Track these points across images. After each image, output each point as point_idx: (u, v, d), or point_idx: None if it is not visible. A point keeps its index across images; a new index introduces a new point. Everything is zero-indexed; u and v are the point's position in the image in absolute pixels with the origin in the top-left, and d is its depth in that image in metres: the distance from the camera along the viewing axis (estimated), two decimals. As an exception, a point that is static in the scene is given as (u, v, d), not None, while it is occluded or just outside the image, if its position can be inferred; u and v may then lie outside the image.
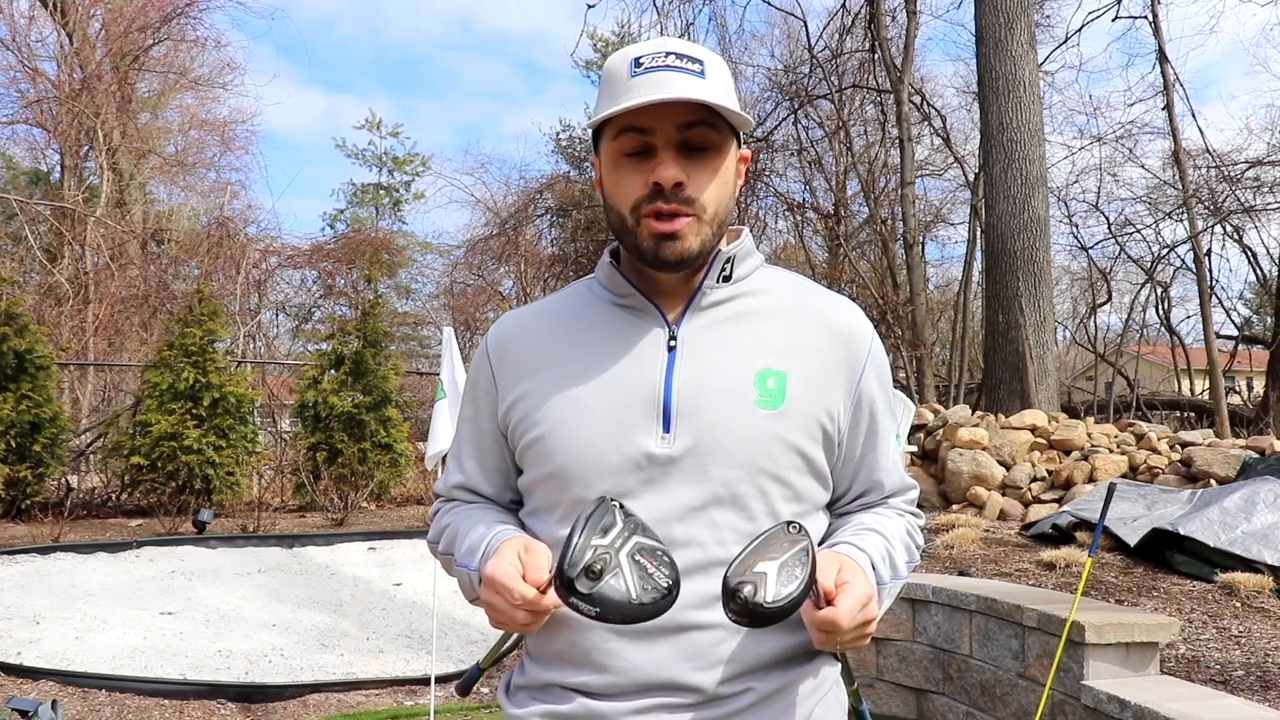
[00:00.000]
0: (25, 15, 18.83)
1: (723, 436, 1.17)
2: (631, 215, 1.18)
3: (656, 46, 1.18)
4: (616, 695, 1.17)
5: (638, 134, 1.17)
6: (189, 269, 17.35)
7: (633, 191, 1.18)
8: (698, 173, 1.17)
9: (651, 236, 1.17)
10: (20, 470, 8.92)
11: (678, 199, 1.16)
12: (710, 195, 1.18)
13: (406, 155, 31.92)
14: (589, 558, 0.98)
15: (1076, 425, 8.07)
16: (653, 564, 1.02)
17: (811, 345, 1.23)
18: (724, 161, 1.20)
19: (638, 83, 1.14)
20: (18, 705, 4.30)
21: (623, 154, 1.19)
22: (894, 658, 4.67)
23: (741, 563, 1.01)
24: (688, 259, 1.18)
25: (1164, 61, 16.83)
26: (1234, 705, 3.39)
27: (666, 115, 1.15)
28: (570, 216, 19.28)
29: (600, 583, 0.98)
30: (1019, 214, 10.15)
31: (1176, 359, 21.02)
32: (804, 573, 1.01)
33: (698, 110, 1.15)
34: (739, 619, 1.00)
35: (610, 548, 1.00)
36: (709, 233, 1.19)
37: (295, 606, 6.38)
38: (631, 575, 1.00)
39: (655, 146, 1.16)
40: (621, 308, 1.26)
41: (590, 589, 0.98)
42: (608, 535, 1.01)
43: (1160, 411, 17.57)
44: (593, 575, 0.98)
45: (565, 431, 1.20)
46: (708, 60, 1.18)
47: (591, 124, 1.22)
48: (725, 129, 1.19)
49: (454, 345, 4.96)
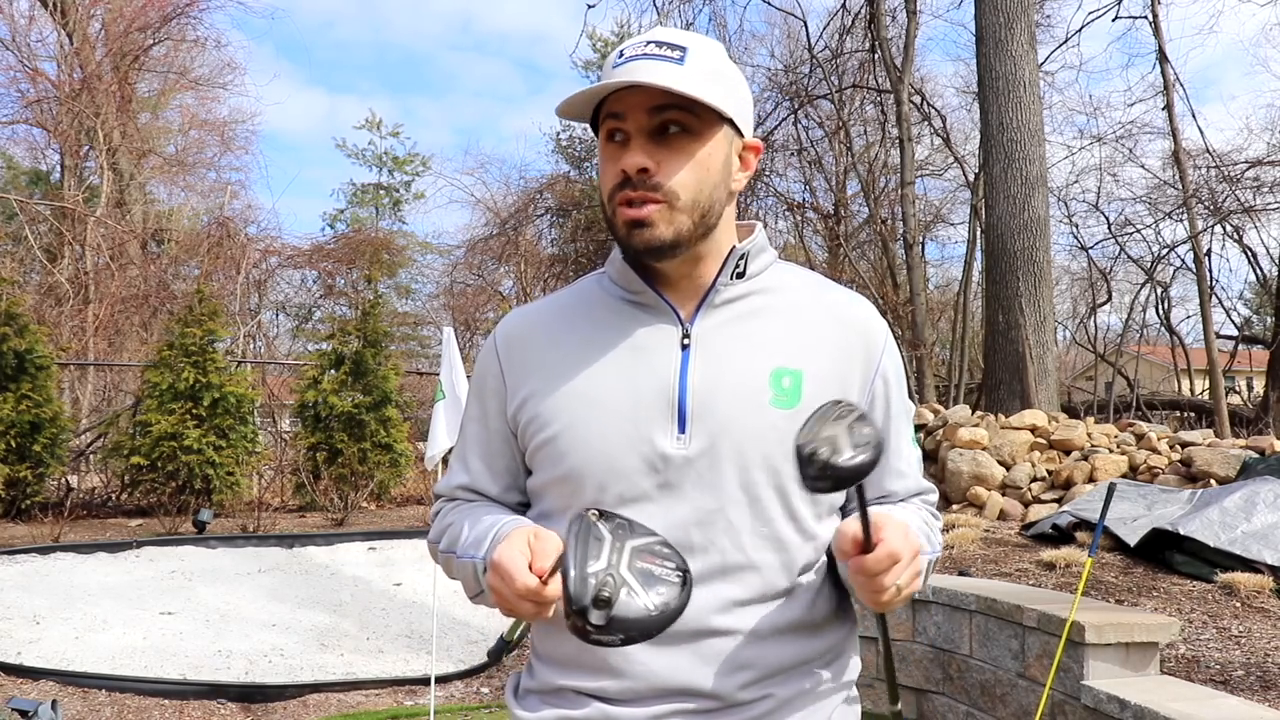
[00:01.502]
0: (25, 15, 18.85)
1: (739, 437, 1.15)
2: (609, 204, 1.18)
3: (643, 36, 1.18)
4: (633, 701, 1.15)
5: (614, 119, 1.17)
6: (189, 269, 17.35)
7: (609, 180, 1.18)
8: (670, 159, 1.15)
9: (624, 224, 1.16)
10: (20, 470, 8.92)
11: (645, 185, 1.15)
12: (683, 182, 1.15)
13: (406, 155, 31.91)
14: (592, 589, 0.93)
15: (1076, 425, 8.07)
16: (655, 563, 0.98)
17: (827, 343, 1.22)
18: (703, 148, 1.17)
19: (617, 71, 1.15)
20: (18, 705, 4.30)
21: (605, 141, 1.19)
22: (894, 658, 4.67)
23: (808, 431, 0.99)
24: (657, 246, 1.16)
25: (1164, 61, 16.83)
26: (1234, 705, 3.39)
27: (636, 102, 1.15)
28: (570, 216, 19.28)
29: (613, 609, 0.93)
30: (1019, 214, 10.15)
31: (1176, 359, 21.01)
32: (872, 431, 0.98)
33: (667, 96, 1.14)
34: (818, 483, 0.97)
35: (610, 569, 0.95)
36: (685, 221, 1.16)
37: (295, 606, 6.38)
38: (640, 587, 0.95)
39: (628, 132, 1.16)
40: (633, 304, 1.24)
41: (605, 619, 0.93)
42: (601, 555, 0.96)
43: (1160, 411, 17.57)
44: (603, 604, 0.93)
45: (578, 432, 1.18)
46: (693, 47, 1.16)
47: (558, 111, 1.22)
48: (708, 115, 1.16)
49: (454, 346, 4.96)
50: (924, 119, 18.27)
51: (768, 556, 1.16)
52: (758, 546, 1.15)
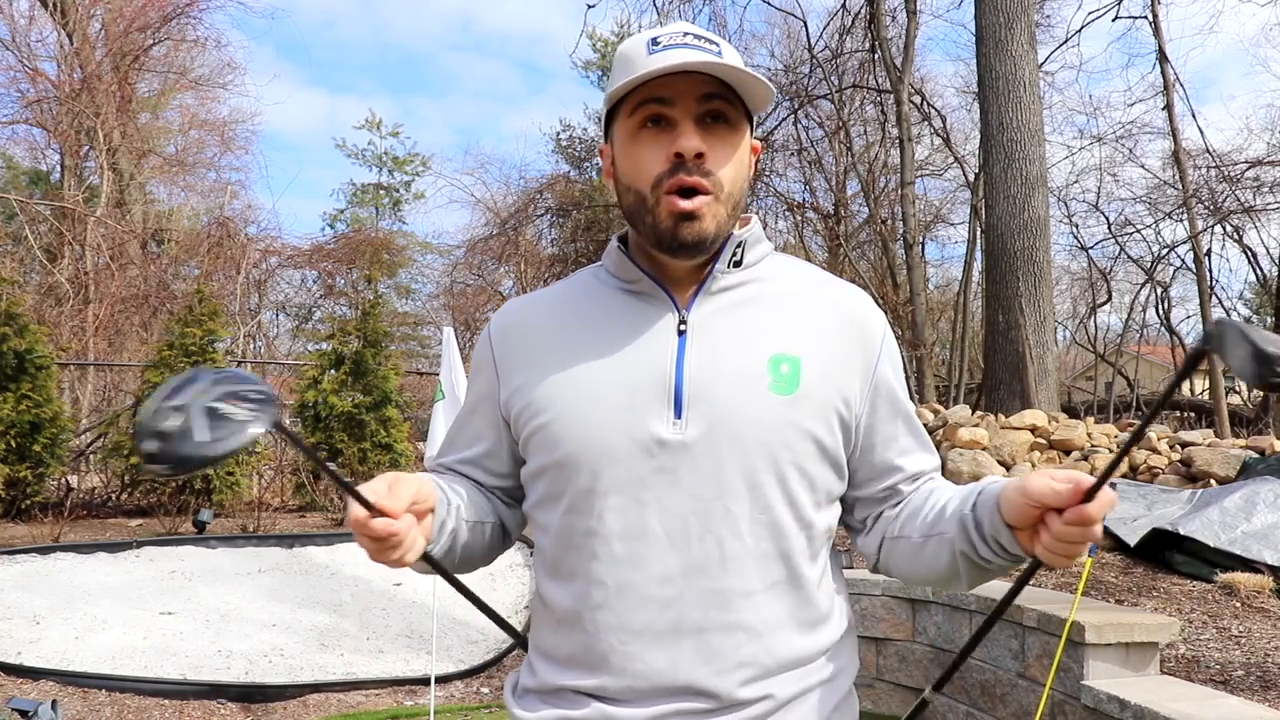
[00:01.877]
0: (25, 15, 18.84)
1: (737, 422, 1.14)
2: (652, 193, 1.16)
3: (674, 28, 1.18)
4: (633, 700, 1.14)
5: (658, 104, 1.15)
6: (189, 269, 17.36)
7: (653, 166, 1.16)
8: (717, 147, 1.16)
9: (671, 216, 1.15)
10: (20, 470, 8.91)
11: (700, 171, 1.14)
12: (728, 173, 1.17)
13: (406, 155, 31.92)
14: (156, 421, 0.89)
15: (1076, 425, 8.07)
16: (236, 405, 0.92)
17: (825, 331, 1.21)
18: (741, 140, 1.19)
19: (657, 58, 1.13)
20: (18, 705, 4.30)
21: (641, 127, 1.17)
22: (894, 658, 4.67)
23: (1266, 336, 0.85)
24: (704, 241, 1.16)
25: (1164, 61, 16.82)
26: (1234, 705, 3.39)
27: (686, 88, 1.14)
28: (570, 216, 19.29)
29: (168, 441, 0.88)
30: (1019, 214, 10.15)
31: (1176, 359, 21.01)
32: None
33: (717, 84, 1.14)
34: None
35: (185, 405, 0.90)
36: (724, 214, 1.17)
37: (295, 606, 6.38)
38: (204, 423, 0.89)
39: (675, 119, 1.15)
40: (629, 293, 1.23)
41: (158, 449, 0.88)
42: (187, 392, 0.92)
43: (1160, 411, 17.54)
44: (164, 437, 0.88)
45: (572, 418, 1.16)
46: (723, 45, 1.18)
47: (611, 97, 1.20)
48: (741, 110, 1.18)
49: (454, 346, 4.96)
50: (924, 119, 18.27)
51: (766, 545, 1.15)
52: (756, 535, 1.14)
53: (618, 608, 1.14)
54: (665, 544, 1.13)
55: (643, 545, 1.13)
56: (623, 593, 1.14)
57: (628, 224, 1.25)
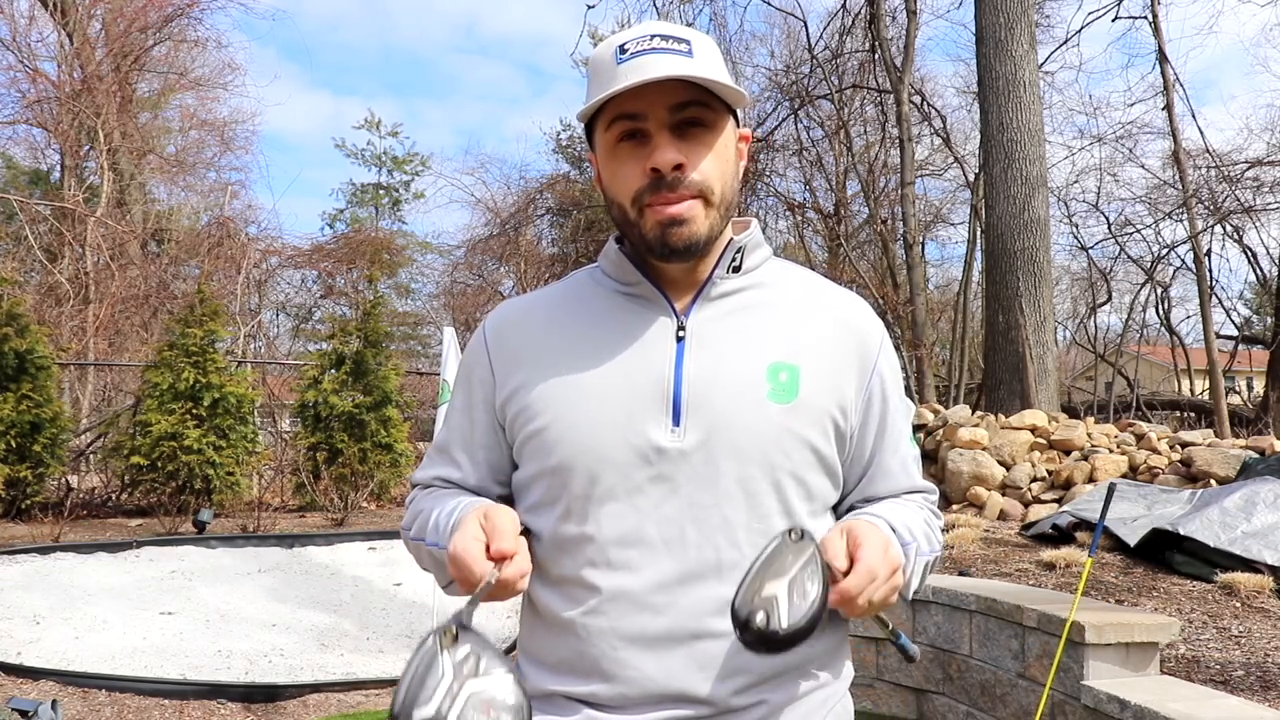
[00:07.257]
0: (25, 15, 18.83)
1: (735, 430, 1.13)
2: (634, 207, 1.14)
3: (640, 31, 1.14)
4: (625, 707, 1.13)
5: (629, 120, 1.12)
6: (189, 269, 17.35)
7: (632, 182, 1.13)
8: (696, 152, 1.12)
9: (657, 224, 1.12)
10: (20, 470, 8.91)
11: (681, 183, 1.11)
12: (713, 174, 1.14)
13: (406, 155, 31.94)
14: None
15: (1076, 425, 8.07)
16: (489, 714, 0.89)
17: (824, 339, 1.20)
18: (721, 139, 1.15)
19: (624, 69, 1.10)
20: (18, 705, 4.30)
21: (616, 142, 1.14)
22: (894, 658, 4.67)
23: (748, 588, 0.93)
24: (695, 245, 1.13)
25: (1164, 62, 16.82)
26: (1234, 705, 3.39)
27: (657, 98, 1.11)
28: (570, 216, 19.29)
29: None
30: (1019, 214, 10.15)
31: (1176, 359, 21.01)
32: (817, 587, 0.94)
33: (689, 89, 1.11)
34: (755, 648, 0.94)
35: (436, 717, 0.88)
36: (716, 216, 1.15)
37: (295, 606, 6.38)
38: None
39: (649, 131, 1.12)
40: (627, 296, 1.21)
41: None
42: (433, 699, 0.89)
43: (1160, 411, 17.56)
44: None
45: (569, 423, 1.15)
46: (694, 40, 1.14)
47: (581, 116, 1.17)
48: (720, 106, 1.15)
49: (455, 346, 4.96)
50: (924, 119, 18.27)
51: None
52: (753, 543, 1.12)
53: (611, 614, 1.13)
54: (661, 551, 1.12)
55: (638, 552, 1.13)
56: (616, 599, 1.13)
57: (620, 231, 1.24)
